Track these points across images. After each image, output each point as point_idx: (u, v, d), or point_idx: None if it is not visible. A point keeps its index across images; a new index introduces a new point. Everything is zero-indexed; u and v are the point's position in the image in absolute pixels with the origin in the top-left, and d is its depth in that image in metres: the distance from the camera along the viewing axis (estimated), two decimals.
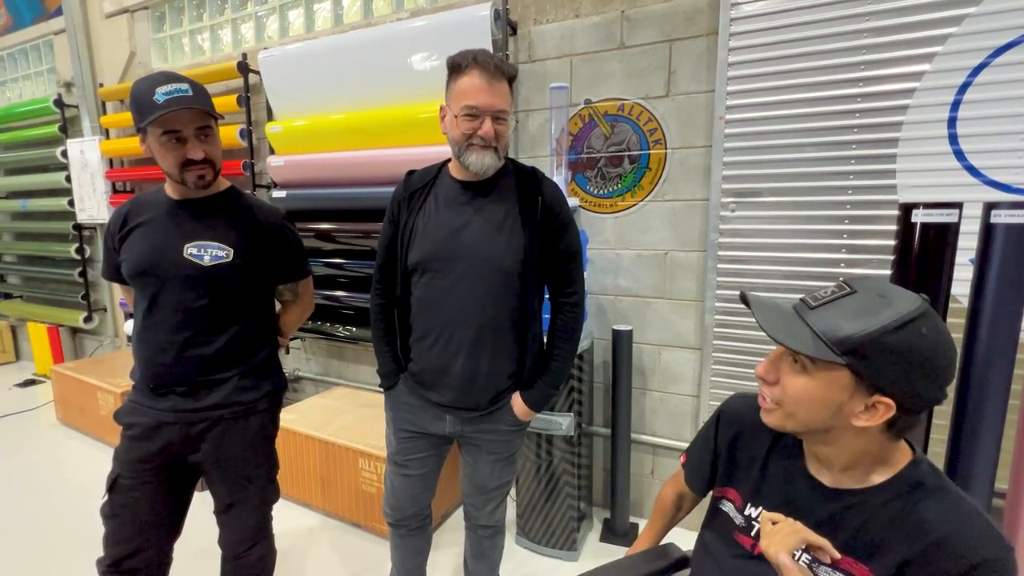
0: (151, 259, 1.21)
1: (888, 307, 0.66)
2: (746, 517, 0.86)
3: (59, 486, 2.53)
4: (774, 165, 1.81)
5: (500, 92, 1.17)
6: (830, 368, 0.68)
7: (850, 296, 0.70)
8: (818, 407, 0.71)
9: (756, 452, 0.87)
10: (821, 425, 0.72)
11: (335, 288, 2.67)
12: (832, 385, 0.69)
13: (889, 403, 0.67)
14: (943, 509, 0.68)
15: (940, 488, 0.70)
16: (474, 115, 1.16)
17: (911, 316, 0.65)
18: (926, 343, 0.65)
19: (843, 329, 0.67)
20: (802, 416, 0.73)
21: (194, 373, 1.24)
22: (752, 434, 0.89)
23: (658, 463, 2.21)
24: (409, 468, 1.39)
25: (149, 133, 1.15)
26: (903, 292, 0.69)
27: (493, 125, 1.16)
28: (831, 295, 0.72)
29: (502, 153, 1.21)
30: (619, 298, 2.17)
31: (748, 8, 1.76)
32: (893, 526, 0.70)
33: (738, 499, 0.89)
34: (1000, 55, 1.50)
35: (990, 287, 1.26)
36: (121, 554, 1.23)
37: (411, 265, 1.26)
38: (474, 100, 1.15)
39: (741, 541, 0.86)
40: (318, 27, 2.82)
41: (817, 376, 0.70)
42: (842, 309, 0.69)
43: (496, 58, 1.18)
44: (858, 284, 0.71)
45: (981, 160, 1.56)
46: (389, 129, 2.34)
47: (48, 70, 3.98)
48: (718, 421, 0.96)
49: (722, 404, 0.98)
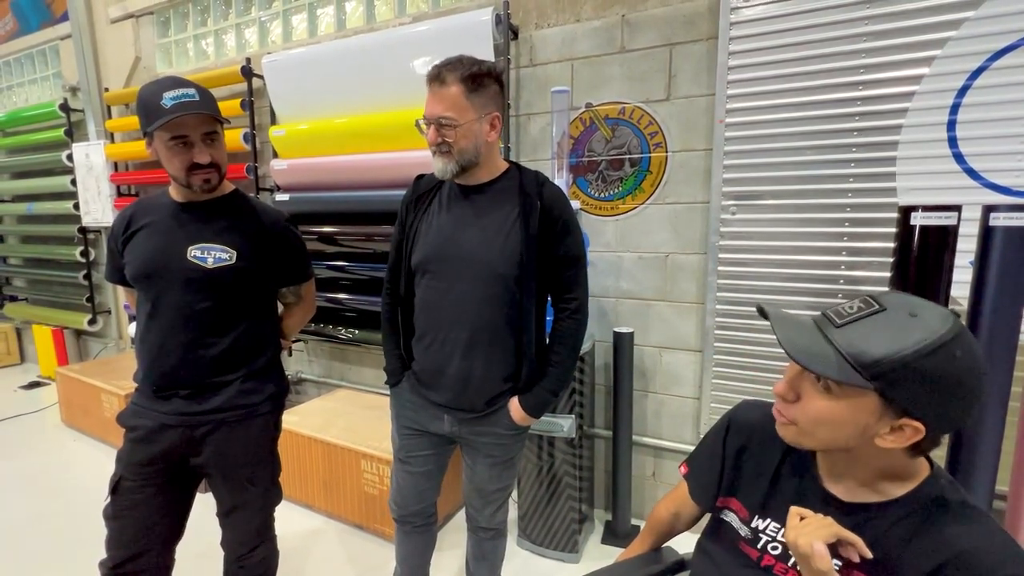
0: (155, 262, 1.22)
1: (920, 328, 0.62)
2: (752, 529, 0.83)
3: (63, 488, 2.54)
4: (774, 168, 1.81)
5: (441, 97, 1.15)
6: (857, 392, 0.64)
7: (879, 314, 0.65)
8: (840, 429, 0.67)
9: (765, 465, 0.83)
10: (842, 445, 0.69)
11: (337, 290, 2.69)
12: (858, 409, 0.65)
13: (918, 427, 0.64)
14: (965, 525, 0.65)
15: (961, 503, 0.67)
16: (428, 124, 1.18)
17: (945, 339, 0.61)
18: (960, 367, 0.61)
19: (872, 352, 0.62)
20: (822, 436, 0.70)
21: (197, 375, 1.25)
22: (762, 446, 0.85)
23: (659, 465, 2.21)
24: (412, 465, 1.40)
25: (156, 137, 1.16)
26: (934, 309, 0.65)
27: (436, 130, 1.17)
28: (858, 312, 0.67)
29: (457, 156, 1.18)
30: (620, 300, 2.17)
31: (748, 12, 1.77)
32: (911, 541, 0.67)
33: (743, 511, 0.85)
34: (999, 58, 1.50)
35: (989, 289, 1.27)
36: (123, 556, 1.24)
37: (413, 266, 1.28)
38: (424, 110, 1.18)
39: (746, 551, 0.83)
40: (321, 32, 2.84)
41: (842, 399, 0.66)
42: (870, 328, 0.64)
43: (451, 62, 1.16)
44: (886, 300, 0.67)
45: (980, 163, 1.56)
46: (392, 133, 2.36)
47: (54, 75, 4.02)
48: (728, 429, 0.92)
49: (732, 410, 0.93)
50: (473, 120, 1.17)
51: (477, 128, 1.18)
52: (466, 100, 1.15)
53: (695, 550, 0.94)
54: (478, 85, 1.16)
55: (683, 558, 1.00)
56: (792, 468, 0.81)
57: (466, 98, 1.15)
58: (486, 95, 1.18)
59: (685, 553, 1.00)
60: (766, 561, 0.79)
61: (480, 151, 1.20)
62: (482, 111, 1.18)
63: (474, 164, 1.21)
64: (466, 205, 1.26)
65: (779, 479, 0.82)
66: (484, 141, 1.20)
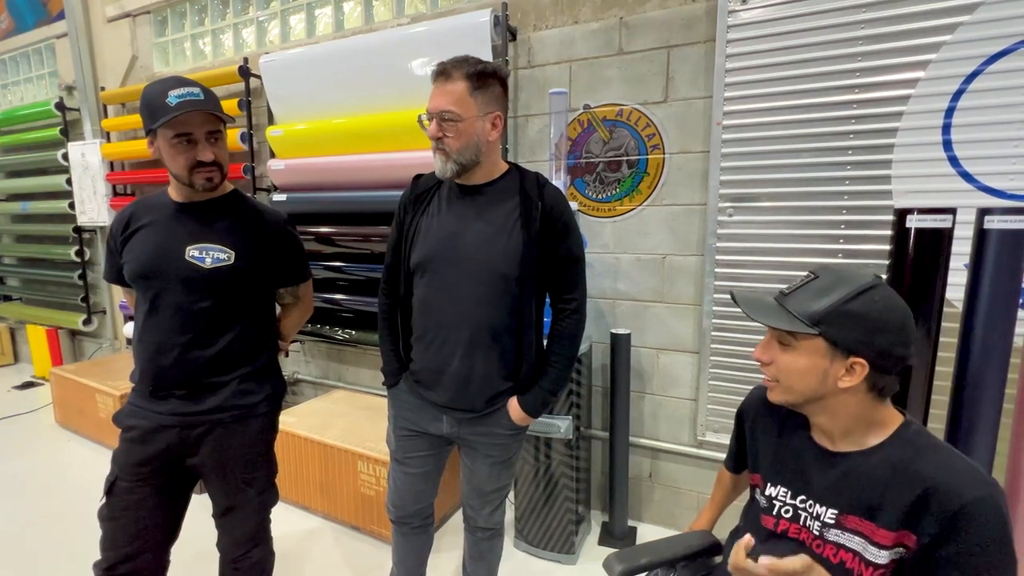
0: (153, 261, 1.21)
1: (845, 284, 0.81)
2: (767, 497, 0.94)
3: (57, 489, 2.52)
4: (771, 170, 1.82)
5: (447, 92, 1.15)
6: (808, 339, 0.81)
7: (815, 280, 0.84)
8: (808, 375, 0.82)
9: (770, 433, 0.98)
10: (814, 393, 0.83)
11: (335, 291, 2.68)
12: (813, 354, 0.81)
13: (863, 363, 0.79)
14: (933, 460, 0.78)
15: (929, 444, 0.81)
16: (430, 119, 1.18)
17: (864, 287, 0.80)
18: (881, 307, 0.79)
19: (812, 306, 0.81)
20: (798, 387, 0.84)
21: (194, 376, 1.24)
22: (764, 417, 0.99)
23: (656, 466, 2.21)
24: (410, 466, 1.40)
25: (159, 135, 1.16)
26: (857, 272, 0.83)
27: (440, 125, 1.17)
28: (800, 282, 0.86)
29: (455, 155, 1.18)
30: (618, 302, 2.18)
31: (745, 16, 1.78)
32: (891, 482, 0.79)
33: (760, 482, 0.97)
34: (994, 62, 1.52)
35: (984, 292, 1.27)
36: (118, 557, 1.23)
37: (412, 266, 1.28)
38: (428, 105, 1.18)
39: (765, 523, 0.93)
40: (319, 32, 2.84)
41: (800, 348, 0.83)
42: (809, 291, 0.83)
43: (457, 59, 1.17)
44: (820, 271, 0.85)
45: (975, 166, 1.57)
46: (389, 133, 2.36)
47: (50, 73, 4.00)
48: (740, 418, 1.07)
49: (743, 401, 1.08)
50: (475, 117, 1.17)
51: (479, 126, 1.18)
52: (470, 97, 1.16)
53: (729, 533, 1.06)
54: (483, 83, 1.17)
55: (719, 541, 1.10)
56: (790, 431, 0.94)
57: (470, 95, 1.16)
58: (490, 94, 1.19)
59: (722, 537, 1.10)
60: (781, 526, 0.90)
61: (481, 150, 1.20)
62: (485, 109, 1.18)
63: (475, 163, 1.21)
64: (466, 205, 1.26)
65: (780, 443, 0.95)
66: (485, 140, 1.20)
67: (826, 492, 0.85)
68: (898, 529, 0.78)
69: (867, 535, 0.80)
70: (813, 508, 0.86)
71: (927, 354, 1.38)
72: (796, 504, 0.89)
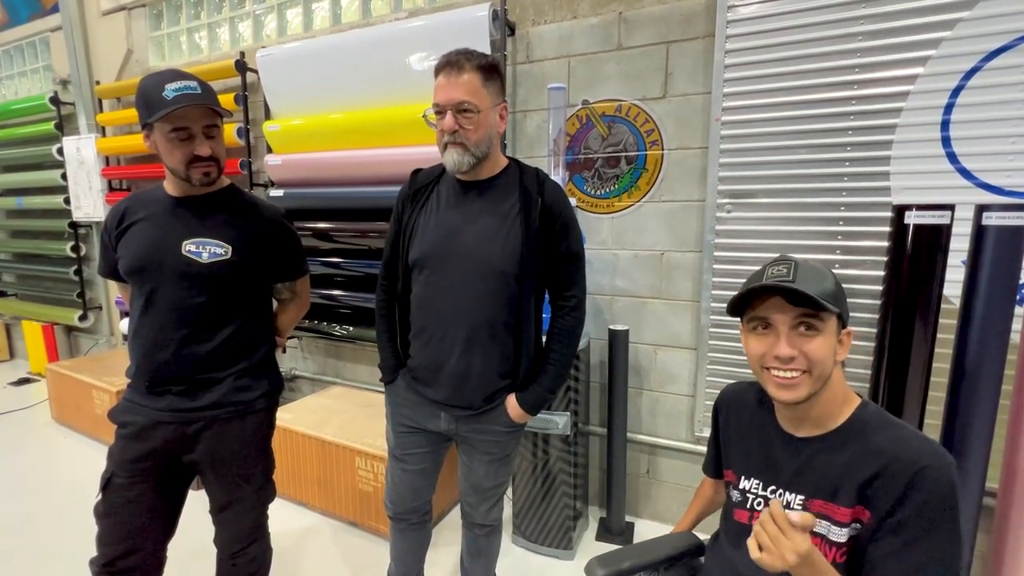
0: (149, 256, 1.21)
1: (814, 263, 0.86)
2: (741, 491, 0.95)
3: (53, 485, 2.52)
4: (769, 167, 1.82)
5: (461, 84, 1.14)
6: (829, 318, 0.82)
7: (800, 267, 0.84)
8: (828, 356, 0.83)
9: (742, 426, 0.99)
10: (829, 372, 0.84)
11: (332, 287, 2.67)
12: (831, 332, 0.83)
13: (849, 331, 0.85)
14: (889, 435, 0.81)
15: (886, 422, 0.84)
16: (440, 112, 1.16)
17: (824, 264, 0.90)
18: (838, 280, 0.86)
19: (824, 286, 0.82)
20: (827, 371, 0.83)
21: (191, 371, 1.23)
22: (736, 412, 1.01)
23: (654, 462, 2.21)
24: (408, 463, 1.39)
25: (156, 129, 1.15)
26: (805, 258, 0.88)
27: (456, 117, 1.14)
28: (795, 269, 0.84)
29: (473, 148, 1.16)
30: (616, 298, 2.18)
31: (744, 11, 1.78)
32: (851, 461, 0.82)
33: (734, 477, 0.98)
34: (993, 59, 1.51)
35: (981, 288, 1.28)
36: (115, 554, 1.23)
37: (411, 262, 1.27)
38: (436, 97, 1.16)
39: (739, 518, 0.95)
40: (316, 26, 2.82)
41: (825, 330, 0.82)
42: (808, 276, 0.83)
43: (462, 51, 1.15)
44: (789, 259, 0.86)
45: (973, 163, 1.57)
46: (387, 129, 2.34)
47: (44, 67, 3.96)
48: (715, 415, 1.08)
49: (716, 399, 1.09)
50: (489, 108, 1.17)
51: (493, 118, 1.18)
52: (483, 88, 1.16)
53: (711, 536, 1.07)
54: (491, 75, 1.17)
55: (703, 542, 1.10)
56: (759, 421, 0.96)
57: (483, 86, 1.16)
58: (496, 86, 1.19)
59: (706, 538, 1.10)
60: (755, 518, 0.89)
61: (492, 142, 1.20)
62: (495, 100, 1.18)
63: (486, 156, 1.20)
64: (466, 201, 1.25)
65: (751, 435, 0.97)
66: (495, 132, 1.21)
67: (794, 479, 0.87)
68: (854, 505, 0.80)
69: (830, 516, 0.82)
70: (783, 497, 0.88)
71: (925, 350, 1.38)
72: (767, 496, 0.91)
